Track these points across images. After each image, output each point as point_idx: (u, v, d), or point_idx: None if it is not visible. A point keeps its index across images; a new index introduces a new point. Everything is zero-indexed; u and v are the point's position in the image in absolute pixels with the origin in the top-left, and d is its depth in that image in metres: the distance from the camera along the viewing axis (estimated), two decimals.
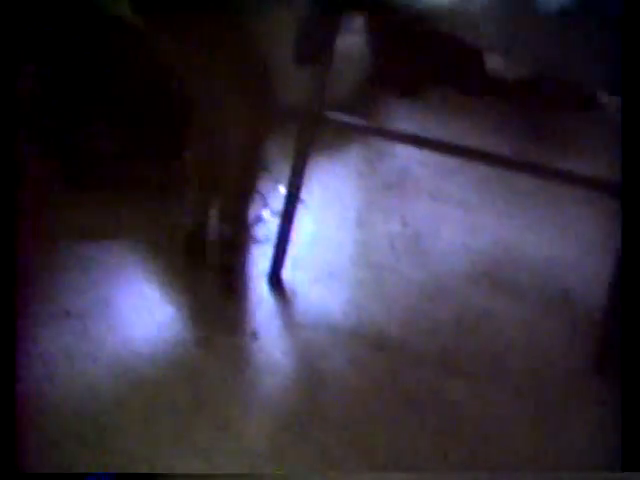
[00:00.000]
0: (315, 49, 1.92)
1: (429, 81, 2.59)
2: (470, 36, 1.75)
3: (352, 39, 2.47)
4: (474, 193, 2.42)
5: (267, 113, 2.06)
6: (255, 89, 2.02)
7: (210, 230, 2.22)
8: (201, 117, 2.14)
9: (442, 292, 2.17)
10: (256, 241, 2.27)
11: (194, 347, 2.00)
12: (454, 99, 2.61)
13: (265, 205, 2.35)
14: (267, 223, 2.30)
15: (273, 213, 2.30)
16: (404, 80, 2.63)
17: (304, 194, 2.17)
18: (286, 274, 2.17)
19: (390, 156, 2.47)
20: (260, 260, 2.20)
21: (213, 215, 2.21)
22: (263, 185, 2.37)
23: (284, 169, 2.32)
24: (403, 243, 2.30)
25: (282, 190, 2.30)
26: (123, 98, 2.34)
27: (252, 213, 2.30)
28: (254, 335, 2.04)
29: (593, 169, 2.17)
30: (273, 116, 2.24)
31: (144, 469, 1.70)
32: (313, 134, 2.05)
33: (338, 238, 2.31)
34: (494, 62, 2.32)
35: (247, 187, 2.14)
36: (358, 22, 2.48)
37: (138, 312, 2.08)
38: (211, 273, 2.17)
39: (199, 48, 1.98)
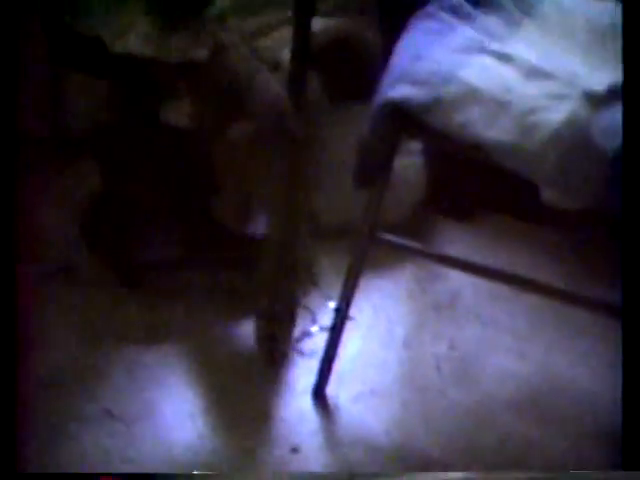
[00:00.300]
0: (374, 172, 1.97)
1: (483, 207, 2.61)
2: (527, 169, 1.79)
3: (409, 161, 2.51)
4: (524, 321, 2.41)
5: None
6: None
7: (257, 340, 2.25)
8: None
9: (486, 417, 2.14)
10: (302, 355, 2.28)
11: (234, 458, 1.99)
12: (508, 226, 2.62)
13: (314, 320, 2.36)
14: (314, 338, 2.31)
15: (321, 329, 2.32)
16: (459, 204, 2.65)
17: (353, 311, 2.19)
18: (330, 390, 2.16)
19: (441, 278, 2.48)
20: (305, 374, 2.20)
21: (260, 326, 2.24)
22: (312, 300, 2.40)
23: (334, 285, 2.36)
24: (450, 366, 2.29)
25: (331, 306, 2.32)
26: (178, 208, 2.41)
27: (300, 328, 2.33)
28: (295, 450, 2.03)
29: None
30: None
31: None
32: (365, 253, 2.08)
33: (384, 357, 2.30)
34: (550, 192, 2.33)
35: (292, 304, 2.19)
36: (417, 145, 2.53)
37: (181, 418, 2.08)
38: (255, 384, 2.17)
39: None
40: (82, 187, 2.54)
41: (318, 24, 2.38)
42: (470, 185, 2.52)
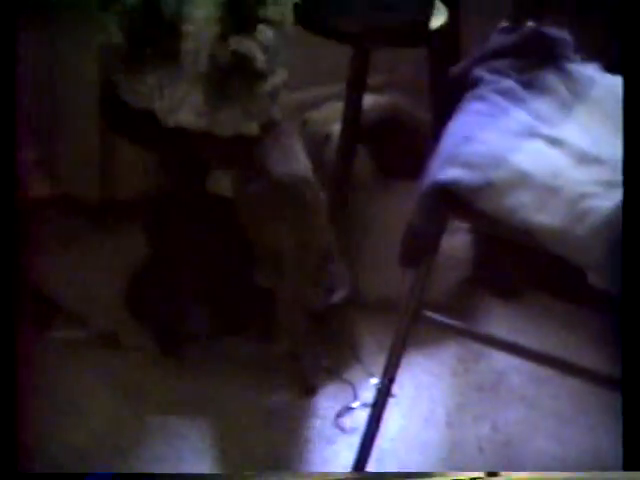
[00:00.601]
0: (421, 253, 1.96)
1: (529, 286, 2.59)
2: (576, 255, 1.77)
3: (455, 238, 2.51)
4: (568, 404, 2.38)
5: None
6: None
7: None
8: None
9: None
10: (343, 431, 2.26)
11: None
12: (554, 306, 2.60)
13: (355, 396, 2.34)
14: (356, 414, 2.29)
15: (363, 405, 2.30)
16: (504, 283, 2.64)
17: (395, 388, 2.16)
18: (371, 468, 2.14)
19: (485, 358, 2.46)
20: (345, 451, 2.18)
21: None
22: (354, 375, 2.39)
23: (377, 360, 2.34)
24: (492, 448, 2.25)
25: (373, 382, 2.30)
26: (219, 280, 2.42)
27: (341, 403, 2.32)
28: None
29: None
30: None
31: None
32: (409, 331, 2.07)
33: (426, 436, 2.28)
34: (597, 276, 2.31)
35: None
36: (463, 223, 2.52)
37: None
38: (295, 458, 2.16)
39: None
40: (128, 254, 2.57)
41: (368, 100, 2.41)
42: (516, 264, 2.50)
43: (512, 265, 2.53)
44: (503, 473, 2.02)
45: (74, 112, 2.58)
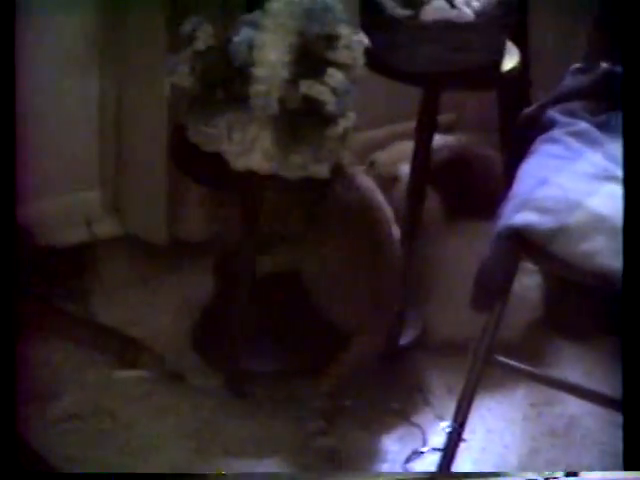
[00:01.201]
0: (493, 296, 1.94)
1: (602, 331, 2.54)
2: None
3: (526, 279, 2.47)
4: None
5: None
6: None
7: None
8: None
9: None
10: None
11: None
12: None
13: (424, 441, 2.31)
14: (425, 459, 2.26)
15: (432, 449, 2.26)
16: (576, 326, 2.59)
17: (466, 433, 2.13)
18: None
19: (558, 403, 2.41)
20: None
21: None
22: (423, 419, 2.36)
23: (446, 405, 2.32)
24: None
25: (443, 426, 2.27)
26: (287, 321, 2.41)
27: (410, 447, 2.28)
28: None
29: None
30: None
31: None
32: (481, 375, 2.04)
33: None
34: None
35: None
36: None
37: None
38: None
39: None
40: (195, 294, 2.57)
41: (437, 140, 2.39)
42: (588, 307, 2.46)
43: (584, 308, 2.49)
44: None
45: (142, 153, 2.60)
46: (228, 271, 2.43)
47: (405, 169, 2.47)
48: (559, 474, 2.05)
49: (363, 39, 2.00)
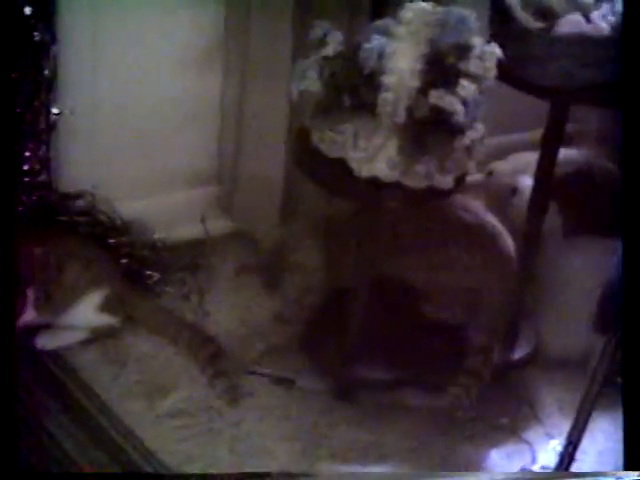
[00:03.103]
0: (616, 316, 1.90)
1: None
2: None
3: None
4: None
5: None
6: None
7: None
8: None
9: None
10: None
11: None
12: None
13: (533, 459, 2.28)
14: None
15: (542, 467, 2.23)
16: None
17: (579, 453, 2.10)
18: None
19: None
20: None
21: None
22: (533, 436, 2.32)
23: (557, 423, 2.29)
24: None
25: (553, 444, 2.24)
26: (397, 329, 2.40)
27: (519, 463, 2.25)
28: None
29: None
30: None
31: None
32: (598, 396, 2.01)
33: None
34: None
35: None
36: None
37: None
38: None
39: None
40: (306, 296, 2.58)
41: (562, 152, 2.35)
42: None
43: None
44: None
45: (260, 153, 2.61)
46: (342, 276, 2.42)
47: (525, 180, 2.44)
48: None
49: (496, 50, 1.98)
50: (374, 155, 2.02)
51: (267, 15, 2.43)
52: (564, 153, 2.39)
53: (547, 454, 2.24)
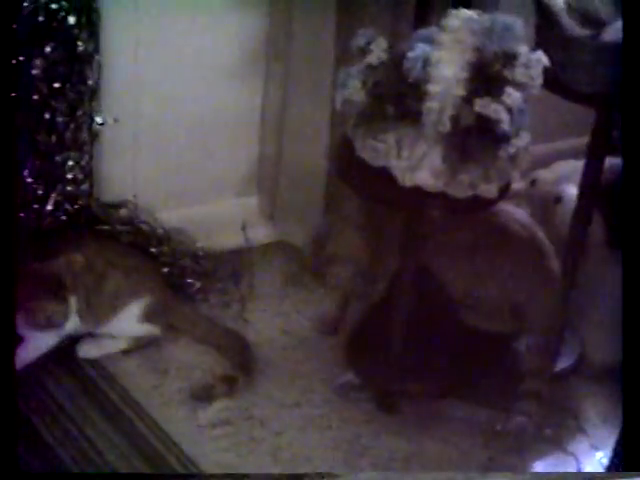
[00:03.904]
0: None
1: None
2: None
3: None
4: None
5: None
6: None
7: None
8: None
9: None
10: None
11: None
12: None
13: (578, 470, 2.25)
14: None
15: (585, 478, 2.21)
16: None
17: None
18: None
19: None
20: None
21: None
22: (577, 447, 2.30)
23: (601, 434, 2.27)
24: None
25: (599, 457, 2.21)
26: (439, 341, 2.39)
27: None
28: None
29: None
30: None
31: None
32: None
33: None
34: None
35: None
36: None
37: None
38: None
39: None
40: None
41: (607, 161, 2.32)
42: None
43: None
44: None
45: (301, 162, 2.61)
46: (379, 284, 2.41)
47: (569, 189, 2.42)
48: None
49: (542, 58, 1.96)
50: (418, 164, 2.00)
51: (309, 23, 2.43)
52: (610, 162, 2.37)
53: (593, 466, 2.22)
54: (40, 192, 2.32)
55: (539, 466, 2.27)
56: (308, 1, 2.42)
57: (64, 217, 2.38)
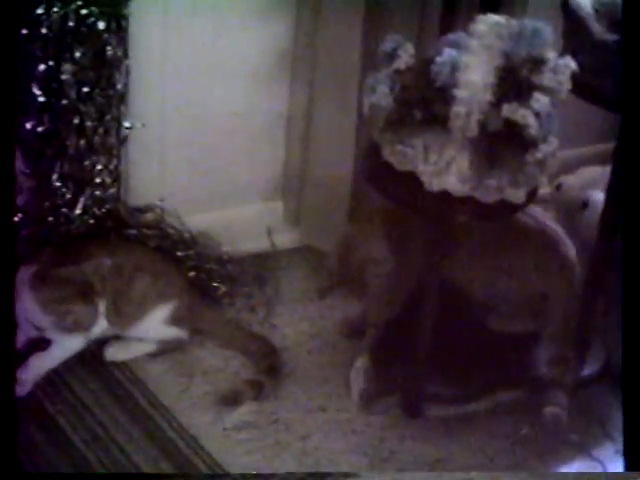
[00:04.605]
0: None
1: None
2: None
3: None
4: None
5: None
6: None
7: None
8: None
9: None
10: None
11: None
12: None
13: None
14: None
15: None
16: None
17: None
18: None
19: None
20: None
21: None
22: (603, 453, 2.29)
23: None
24: None
25: None
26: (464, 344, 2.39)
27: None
28: None
29: None
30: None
31: None
32: None
33: None
34: None
35: None
36: None
37: None
38: None
39: None
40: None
41: None
42: None
43: None
44: None
45: (327, 168, 2.62)
46: (410, 290, 2.41)
47: (596, 195, 2.41)
48: None
49: (570, 63, 1.96)
50: (445, 169, 2.01)
51: (337, 27, 2.44)
52: None
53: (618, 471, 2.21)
54: (69, 196, 2.35)
55: (564, 472, 2.26)
56: (335, 7, 2.43)
57: (92, 221, 2.39)
